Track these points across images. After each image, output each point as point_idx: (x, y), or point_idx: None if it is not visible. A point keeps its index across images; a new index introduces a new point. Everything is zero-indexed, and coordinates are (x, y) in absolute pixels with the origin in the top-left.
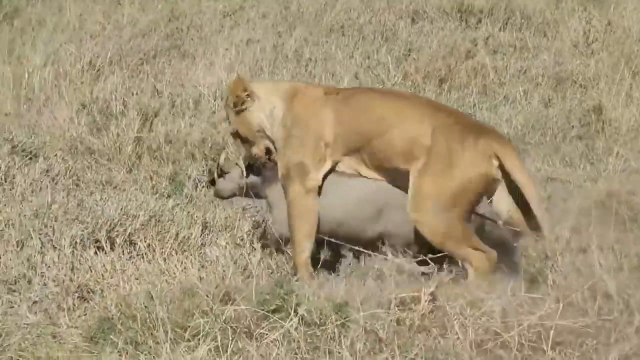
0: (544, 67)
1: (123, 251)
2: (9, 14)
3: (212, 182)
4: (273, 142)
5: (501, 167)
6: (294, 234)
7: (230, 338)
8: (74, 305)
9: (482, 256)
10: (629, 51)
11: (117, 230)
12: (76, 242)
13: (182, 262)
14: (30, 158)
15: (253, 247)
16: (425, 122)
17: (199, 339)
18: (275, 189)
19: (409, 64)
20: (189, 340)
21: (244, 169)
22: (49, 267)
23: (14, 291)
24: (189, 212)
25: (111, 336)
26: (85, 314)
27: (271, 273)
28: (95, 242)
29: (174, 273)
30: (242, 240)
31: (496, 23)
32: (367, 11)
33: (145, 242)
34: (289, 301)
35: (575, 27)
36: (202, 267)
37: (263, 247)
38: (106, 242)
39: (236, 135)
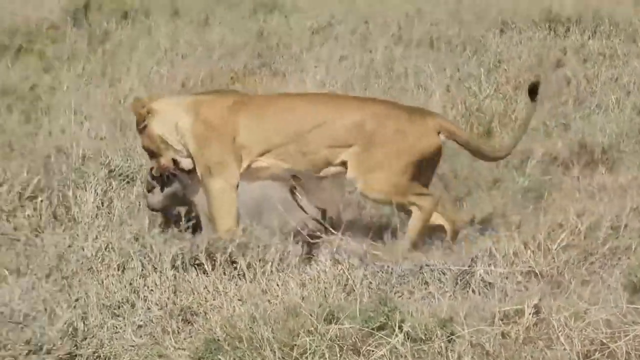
0: (635, 74)
1: (224, 271)
2: (99, 38)
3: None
4: (178, 153)
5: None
6: (219, 226)
7: (338, 355)
8: (179, 328)
9: (427, 197)
10: None
11: (217, 248)
12: (177, 263)
13: (283, 281)
14: (127, 182)
15: (350, 263)
16: (366, 110)
17: (306, 357)
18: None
19: (499, 75)
20: (296, 359)
21: (153, 183)
22: (152, 290)
23: (118, 316)
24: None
25: (219, 356)
26: (191, 337)
27: (371, 288)
28: (196, 262)
29: (276, 292)
30: (339, 255)
31: (585, 31)
32: (455, 23)
33: (245, 261)
34: (393, 318)
35: None
36: (303, 285)
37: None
38: (207, 261)
39: (146, 150)
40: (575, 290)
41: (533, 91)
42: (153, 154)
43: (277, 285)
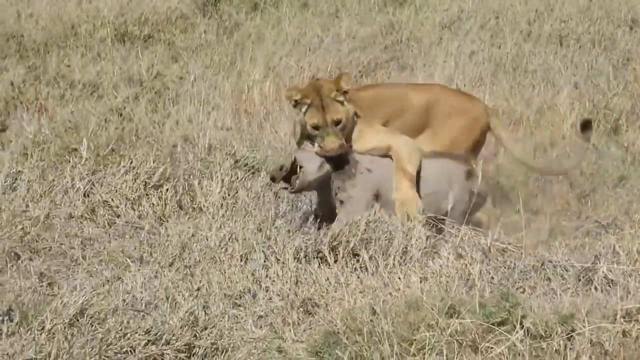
0: None
1: (346, 263)
2: (229, 29)
3: (286, 180)
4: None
5: None
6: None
7: (456, 352)
8: (299, 319)
9: None
10: None
11: (340, 241)
12: (300, 255)
13: (405, 274)
14: (253, 172)
15: (473, 257)
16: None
17: (424, 353)
18: (351, 182)
19: (628, 73)
20: (414, 355)
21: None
22: (274, 281)
23: (239, 306)
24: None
25: (336, 351)
26: (311, 328)
27: (493, 283)
28: (319, 254)
29: (398, 286)
30: (463, 250)
31: None
32: (585, 20)
33: (367, 253)
34: (514, 314)
35: None
36: (425, 279)
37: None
38: (329, 253)
39: (336, 123)
40: None
41: (585, 128)
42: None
43: (399, 278)
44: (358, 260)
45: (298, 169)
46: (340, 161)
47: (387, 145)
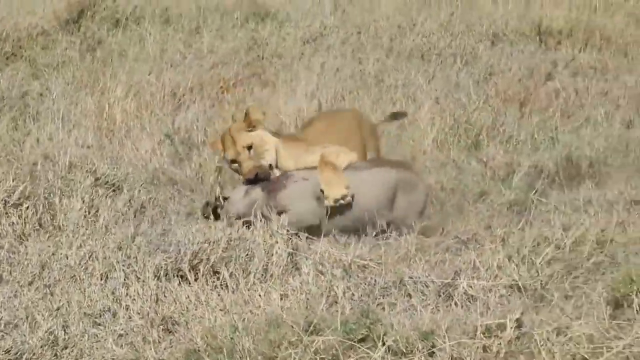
0: (625, 88)
1: (207, 281)
2: (91, 46)
3: (214, 212)
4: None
5: None
6: None
7: None
8: (160, 337)
9: None
10: None
11: (200, 258)
12: (160, 273)
13: (265, 292)
14: (114, 190)
15: (333, 274)
16: None
17: None
18: (285, 192)
19: (489, 88)
20: None
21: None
22: (134, 299)
23: (100, 324)
24: (271, 239)
25: None
26: (172, 346)
27: (354, 300)
28: (179, 272)
29: (258, 303)
30: (324, 266)
31: (576, 44)
32: (447, 35)
33: (228, 271)
34: (375, 330)
35: None
36: (286, 296)
37: None
38: (190, 271)
39: (248, 148)
40: (558, 305)
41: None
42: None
43: (260, 296)
44: (219, 278)
45: (222, 200)
46: (264, 182)
47: (317, 155)
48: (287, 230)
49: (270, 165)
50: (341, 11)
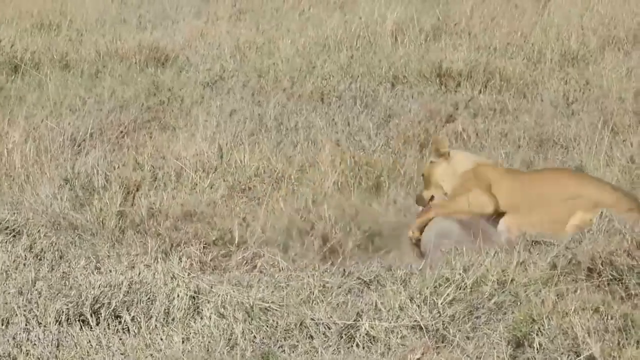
0: (525, 129)
1: (108, 325)
2: None
3: None
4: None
5: None
6: None
7: None
8: None
9: None
10: (608, 110)
11: (102, 303)
12: (61, 318)
13: (167, 335)
14: (14, 235)
15: (235, 316)
16: None
17: None
18: None
19: (389, 129)
20: None
21: None
22: (35, 344)
23: None
24: (172, 282)
25: None
26: None
27: (255, 343)
28: (80, 317)
29: (160, 347)
30: (225, 309)
31: (475, 86)
32: (346, 77)
33: (129, 315)
34: None
35: (554, 87)
36: (187, 339)
37: None
38: (91, 316)
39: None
40: (460, 345)
41: None
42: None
43: (161, 339)
44: (120, 322)
45: None
46: None
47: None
48: (188, 274)
49: (432, 196)
50: (241, 55)
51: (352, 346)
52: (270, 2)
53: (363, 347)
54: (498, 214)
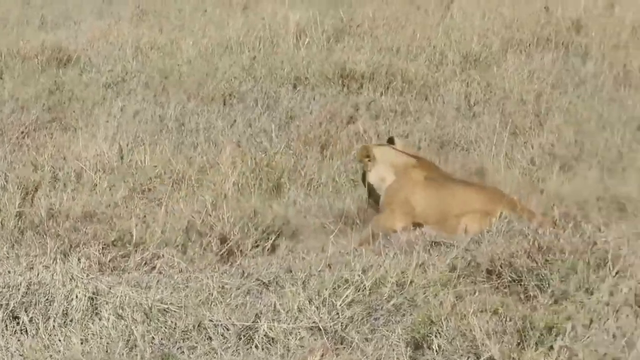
0: (426, 130)
1: (6, 326)
2: None
3: None
4: None
5: None
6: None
7: None
8: None
9: None
10: (509, 112)
11: (1, 304)
12: None
13: (65, 336)
14: None
15: (134, 318)
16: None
17: None
18: None
19: (291, 131)
20: None
21: None
22: None
23: None
24: (71, 283)
25: None
26: None
27: (154, 344)
28: None
29: (58, 348)
30: (124, 310)
31: (378, 87)
32: (249, 79)
33: (27, 316)
34: None
35: (456, 89)
36: (86, 340)
37: None
38: None
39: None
40: (359, 346)
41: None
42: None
43: (60, 340)
44: (18, 323)
45: None
46: None
47: None
48: (87, 275)
49: None
50: (143, 56)
51: (251, 347)
52: (173, 3)
53: (262, 349)
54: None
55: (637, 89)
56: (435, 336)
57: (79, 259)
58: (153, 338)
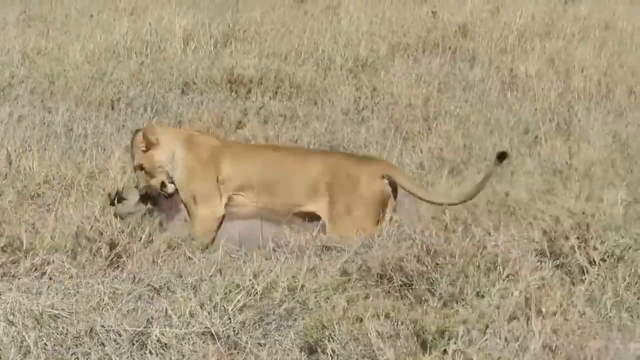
0: (315, 135)
1: None
2: None
3: (112, 204)
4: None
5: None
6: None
7: None
8: None
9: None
10: (398, 117)
11: None
12: None
13: None
14: None
15: (25, 324)
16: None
17: None
18: (172, 223)
19: None
20: None
21: (126, 196)
22: None
23: None
24: None
25: None
26: None
27: (47, 350)
28: None
29: None
30: (14, 316)
31: (266, 92)
32: (137, 84)
33: None
34: None
35: (345, 94)
36: None
37: None
38: None
39: (139, 169)
40: (253, 352)
41: (501, 157)
42: (146, 174)
43: None
44: None
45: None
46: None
47: None
48: None
49: (162, 182)
50: (30, 61)
51: (145, 353)
52: (60, 9)
53: (156, 354)
54: None
55: (524, 93)
56: (329, 340)
57: None
58: (45, 344)
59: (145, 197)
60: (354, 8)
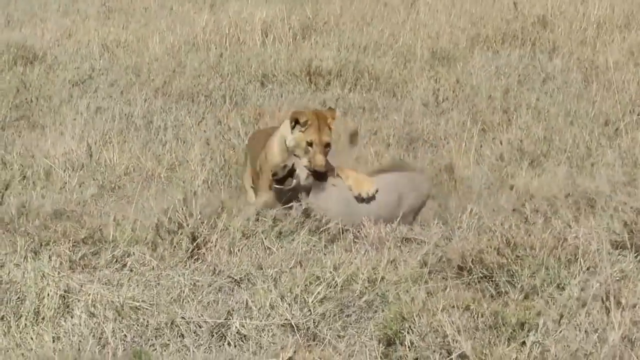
0: (394, 127)
1: None
2: None
3: (278, 182)
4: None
5: None
6: None
7: None
8: None
9: None
10: (477, 109)
11: None
12: None
13: (37, 334)
14: None
15: (105, 315)
16: None
17: None
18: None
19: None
20: None
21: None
22: None
23: None
24: (42, 281)
25: None
26: None
27: (126, 341)
28: None
29: (30, 346)
30: (95, 308)
31: (345, 84)
32: (216, 76)
33: None
34: None
35: (424, 86)
36: (58, 338)
37: None
38: None
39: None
40: (331, 343)
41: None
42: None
43: (32, 338)
44: None
45: (294, 173)
46: (321, 176)
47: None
48: (58, 272)
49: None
50: (110, 53)
51: (223, 345)
52: (140, 1)
53: (235, 346)
54: None
55: (604, 85)
56: (407, 332)
57: (49, 257)
58: (125, 335)
59: (314, 173)
60: (434, 0)
